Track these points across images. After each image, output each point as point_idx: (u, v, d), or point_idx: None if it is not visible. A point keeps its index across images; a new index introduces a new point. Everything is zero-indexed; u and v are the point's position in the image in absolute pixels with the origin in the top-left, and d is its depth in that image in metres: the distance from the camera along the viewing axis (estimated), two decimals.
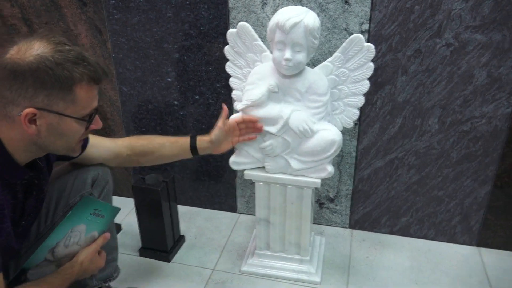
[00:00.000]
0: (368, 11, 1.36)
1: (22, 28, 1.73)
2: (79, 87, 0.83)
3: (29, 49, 0.79)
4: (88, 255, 0.99)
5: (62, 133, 0.86)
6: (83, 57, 0.83)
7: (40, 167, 0.97)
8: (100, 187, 1.19)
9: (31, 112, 0.80)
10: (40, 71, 0.78)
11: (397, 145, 1.52)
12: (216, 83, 1.60)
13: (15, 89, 0.79)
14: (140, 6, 1.54)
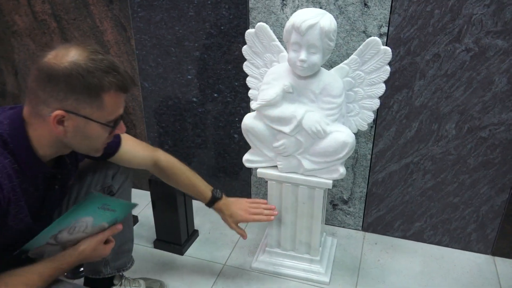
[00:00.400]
0: (387, 14, 1.36)
1: (52, 24, 1.80)
2: (107, 95, 0.87)
3: (66, 55, 0.84)
4: (92, 244, 1.00)
5: (87, 135, 0.91)
6: (114, 66, 0.87)
7: (66, 164, 1.02)
8: (120, 180, 1.24)
9: (60, 114, 0.85)
10: (72, 77, 0.83)
11: (413, 149, 1.51)
12: (234, 82, 1.63)
13: (48, 90, 0.84)
14: (163, 5, 1.59)
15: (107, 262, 1.29)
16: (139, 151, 1.23)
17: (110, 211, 1.00)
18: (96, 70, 0.84)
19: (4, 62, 1.99)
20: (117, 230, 1.06)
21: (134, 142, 1.23)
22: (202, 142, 1.79)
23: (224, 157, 1.79)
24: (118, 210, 1.03)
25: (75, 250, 0.98)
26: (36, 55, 1.90)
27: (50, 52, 0.85)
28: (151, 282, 1.43)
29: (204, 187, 1.33)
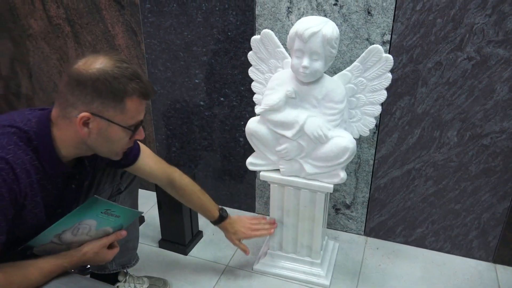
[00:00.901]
0: (390, 22, 1.38)
1: (66, 28, 1.86)
2: (130, 100, 0.93)
3: (94, 62, 0.91)
4: (95, 247, 1.03)
5: (109, 138, 0.96)
6: (138, 75, 0.94)
7: (85, 165, 1.07)
8: (128, 180, 1.29)
9: (86, 116, 0.91)
10: (99, 82, 0.89)
11: (415, 156, 1.53)
12: (240, 86, 1.67)
13: (76, 94, 0.90)
14: (173, 11, 1.63)
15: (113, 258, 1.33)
16: (156, 168, 1.29)
17: (114, 217, 1.03)
18: (121, 76, 0.91)
19: (19, 65, 2.05)
20: (121, 236, 1.09)
21: (153, 158, 1.28)
22: (208, 145, 1.83)
23: (230, 160, 1.82)
24: (123, 216, 1.06)
25: (78, 252, 1.02)
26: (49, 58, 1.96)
27: (81, 59, 0.93)
28: (155, 280, 1.46)
29: (212, 206, 1.40)
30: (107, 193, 1.25)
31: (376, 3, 1.37)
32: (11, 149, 0.88)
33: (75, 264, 1.03)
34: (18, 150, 0.89)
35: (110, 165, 1.21)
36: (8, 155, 0.86)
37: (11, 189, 0.87)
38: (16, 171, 0.87)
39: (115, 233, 1.08)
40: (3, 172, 0.85)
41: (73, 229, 1.00)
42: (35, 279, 0.94)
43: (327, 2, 1.42)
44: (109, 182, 1.25)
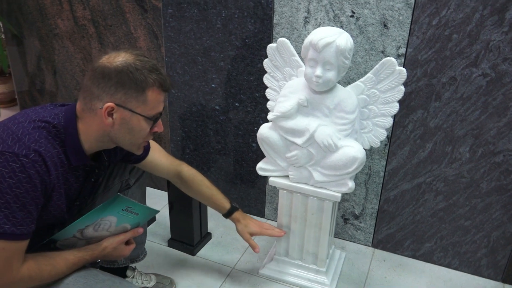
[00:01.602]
0: (406, 36, 1.39)
1: (90, 29, 1.92)
2: (150, 91, 0.98)
3: (117, 56, 0.97)
4: (114, 243, 1.08)
5: (131, 128, 1.00)
6: (157, 68, 1.00)
7: (103, 160, 1.12)
8: (137, 175, 1.34)
9: (111, 106, 0.96)
10: (123, 73, 0.94)
11: (425, 170, 1.53)
12: (255, 93, 1.70)
13: (101, 86, 0.95)
14: (193, 16, 1.68)
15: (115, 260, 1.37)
16: (165, 162, 1.33)
17: (133, 214, 1.08)
18: (143, 68, 0.96)
19: (45, 62, 2.13)
20: (138, 233, 1.13)
21: (161, 153, 1.33)
22: (221, 149, 1.86)
23: (242, 164, 1.85)
24: (141, 214, 1.10)
25: (99, 246, 1.07)
26: (73, 57, 2.03)
27: (104, 55, 0.99)
28: (161, 278, 1.50)
29: (223, 198, 1.42)
30: (116, 188, 1.29)
31: (393, 16, 1.38)
32: (43, 142, 0.93)
33: (96, 258, 1.08)
34: (48, 144, 0.94)
35: (123, 160, 1.25)
36: (41, 148, 0.91)
37: (43, 180, 0.92)
38: (47, 164, 0.92)
39: (132, 230, 1.13)
40: (37, 164, 0.90)
41: (95, 225, 1.05)
42: (61, 269, 1.00)
43: (344, 14, 1.44)
44: (118, 177, 1.30)
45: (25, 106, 2.32)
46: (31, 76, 2.22)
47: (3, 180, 0.87)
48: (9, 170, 0.87)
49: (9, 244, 0.90)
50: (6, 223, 0.88)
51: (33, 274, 0.95)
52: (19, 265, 0.93)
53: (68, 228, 1.03)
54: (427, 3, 1.33)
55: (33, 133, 0.92)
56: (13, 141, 0.90)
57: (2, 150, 0.88)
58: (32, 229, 0.94)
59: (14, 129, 0.92)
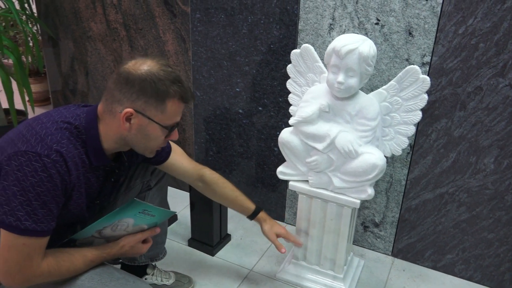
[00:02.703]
0: (431, 44, 1.38)
1: (122, 32, 1.99)
2: (171, 102, 1.00)
3: (143, 64, 0.99)
4: (131, 241, 1.11)
5: (147, 134, 1.03)
6: (180, 79, 1.02)
7: (123, 161, 1.15)
8: (158, 177, 1.37)
9: (130, 112, 0.98)
10: (146, 82, 0.97)
11: (448, 180, 1.51)
12: (279, 97, 1.72)
13: (124, 91, 0.98)
14: (220, 21, 1.71)
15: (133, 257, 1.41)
16: (187, 165, 1.36)
17: (150, 216, 1.11)
18: (166, 79, 0.99)
19: (78, 63, 2.22)
20: (155, 233, 1.17)
21: (183, 157, 1.36)
22: (244, 152, 1.89)
23: (263, 168, 1.87)
24: (157, 216, 1.13)
25: (116, 245, 1.11)
26: (104, 59, 2.10)
27: (130, 61, 1.01)
28: (180, 277, 1.53)
29: (247, 200, 1.44)
30: (137, 189, 1.33)
31: (418, 24, 1.37)
32: (64, 143, 0.96)
33: (113, 256, 1.11)
34: (69, 144, 0.97)
35: (144, 161, 1.29)
36: (62, 149, 0.95)
37: (63, 180, 0.95)
38: (68, 164, 0.95)
39: (150, 229, 1.16)
40: (58, 164, 0.93)
41: (112, 226, 1.08)
42: (78, 266, 1.03)
43: (369, 21, 1.44)
44: (140, 178, 1.33)
45: (58, 105, 2.42)
46: (64, 77, 2.31)
47: (26, 179, 0.90)
48: (32, 169, 0.91)
49: (30, 240, 0.93)
50: (27, 219, 0.91)
51: (52, 270, 0.98)
52: (39, 261, 0.96)
53: (87, 229, 1.07)
54: (453, 11, 1.32)
55: (55, 134, 0.96)
56: (36, 141, 0.93)
57: (25, 150, 0.92)
58: (53, 226, 0.97)
59: (38, 129, 0.96)
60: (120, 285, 1.04)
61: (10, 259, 0.94)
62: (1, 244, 0.94)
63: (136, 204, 1.03)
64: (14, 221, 0.91)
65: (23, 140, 0.94)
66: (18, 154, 0.91)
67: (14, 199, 0.91)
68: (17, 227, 0.91)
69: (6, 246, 0.93)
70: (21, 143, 0.93)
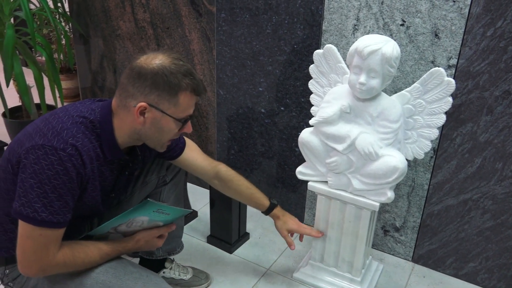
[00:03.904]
0: (458, 46, 1.35)
1: (149, 31, 2.04)
2: (183, 95, 1.02)
3: (154, 58, 1.01)
4: (146, 236, 1.14)
5: (160, 127, 1.04)
6: (192, 72, 1.03)
7: (137, 154, 1.17)
8: (174, 172, 1.39)
9: (143, 106, 1.00)
10: (158, 76, 0.98)
11: (473, 186, 1.47)
12: (301, 98, 1.71)
13: (137, 86, 1.00)
14: (245, 21, 1.73)
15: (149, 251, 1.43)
16: (201, 161, 1.36)
17: (164, 214, 1.12)
18: (178, 72, 1.00)
19: (107, 61, 2.28)
20: (170, 229, 1.19)
21: (198, 153, 1.37)
22: (265, 152, 1.89)
23: (284, 168, 1.87)
24: (172, 214, 1.15)
25: (132, 239, 1.14)
26: (132, 57, 2.15)
27: (142, 56, 1.03)
28: (198, 272, 1.55)
29: (262, 196, 1.44)
30: (153, 183, 1.35)
31: (445, 26, 1.35)
32: (80, 137, 0.98)
33: (129, 250, 1.14)
34: (84, 138, 0.99)
35: (157, 156, 1.30)
36: (78, 143, 0.97)
37: (79, 173, 0.97)
38: (83, 157, 0.97)
39: (165, 226, 1.18)
40: (73, 157, 0.95)
41: (127, 223, 1.10)
42: (94, 258, 1.05)
43: (394, 22, 1.42)
44: (156, 173, 1.35)
45: None
46: (94, 74, 2.38)
47: (43, 172, 0.93)
48: (48, 163, 0.93)
49: (47, 231, 0.96)
50: (44, 211, 0.94)
51: (68, 261, 1.00)
52: (55, 251, 0.98)
53: (102, 227, 1.09)
54: (482, 13, 1.29)
55: (71, 128, 0.98)
56: (53, 135, 0.95)
57: (42, 144, 0.94)
58: (68, 218, 0.99)
59: (54, 124, 0.98)
60: (134, 279, 1.06)
61: (27, 249, 0.97)
62: (20, 234, 0.97)
63: (150, 204, 1.05)
64: (32, 213, 0.93)
65: (40, 134, 0.96)
66: (35, 148, 0.94)
67: (31, 191, 0.93)
68: (34, 218, 0.94)
69: (24, 236, 0.96)
70: (38, 137, 0.96)
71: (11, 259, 1.08)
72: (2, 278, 1.13)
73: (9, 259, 1.09)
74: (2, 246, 1.09)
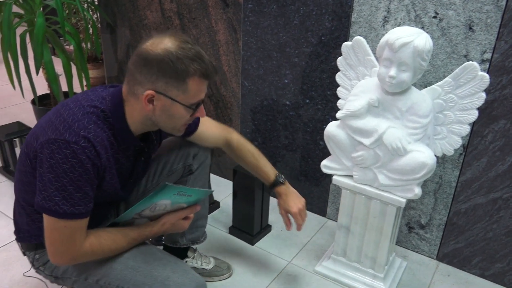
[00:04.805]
0: (493, 40, 1.31)
1: (175, 21, 2.04)
2: (191, 80, 0.97)
3: (160, 43, 0.96)
4: (171, 218, 1.12)
5: (171, 115, 1.02)
6: (200, 55, 0.98)
7: (152, 139, 1.16)
8: (200, 161, 1.38)
9: (151, 93, 0.97)
10: (164, 62, 0.94)
11: (503, 185, 1.43)
12: (327, 91, 1.69)
13: (144, 73, 0.96)
14: (272, 12, 1.71)
15: (183, 234, 1.44)
16: (215, 132, 1.34)
17: (186, 196, 1.11)
18: (184, 57, 0.95)
19: (133, 50, 2.29)
20: (195, 210, 1.17)
21: (211, 124, 1.34)
22: (289, 144, 1.88)
23: (307, 161, 1.85)
24: (194, 195, 1.13)
25: (158, 223, 1.13)
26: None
27: (148, 40, 0.98)
28: (220, 263, 1.55)
29: (269, 170, 1.38)
30: (179, 173, 1.35)
31: (480, 18, 1.30)
32: (92, 128, 0.96)
33: (155, 234, 1.13)
34: (97, 129, 0.97)
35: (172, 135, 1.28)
36: (90, 134, 0.95)
37: (94, 164, 0.97)
38: (96, 148, 0.96)
39: (190, 207, 1.16)
40: (87, 149, 0.94)
41: (151, 207, 1.10)
42: (121, 245, 1.06)
43: (427, 14, 1.38)
44: (182, 162, 1.35)
45: None
46: (120, 63, 2.40)
47: (58, 166, 0.93)
48: (63, 156, 0.92)
49: (70, 222, 0.97)
50: (65, 204, 0.94)
51: (95, 249, 1.01)
52: (82, 241, 0.99)
53: (127, 213, 1.09)
54: None
55: (82, 120, 0.96)
56: (65, 128, 0.94)
57: (55, 138, 0.93)
58: (90, 207, 1.00)
59: (66, 116, 0.97)
60: (163, 265, 1.07)
61: (54, 241, 0.98)
62: (45, 227, 0.98)
63: (169, 188, 1.03)
64: (53, 206, 0.94)
65: (52, 128, 0.96)
66: (49, 142, 0.93)
67: (50, 185, 0.94)
68: (56, 211, 0.95)
69: (49, 228, 0.98)
70: (51, 131, 0.95)
71: (40, 245, 1.10)
72: (33, 263, 1.16)
73: (39, 245, 1.11)
74: (31, 234, 1.11)
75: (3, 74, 3.20)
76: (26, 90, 2.36)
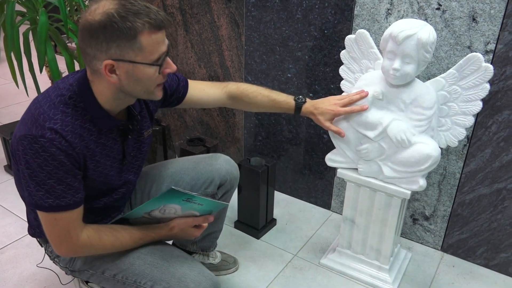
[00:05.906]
0: (497, 31, 1.31)
1: (178, 17, 2.04)
2: (143, 36, 0.89)
3: (98, 8, 0.88)
4: (181, 224, 1.08)
5: (138, 78, 0.94)
6: (145, 8, 0.89)
7: (134, 114, 1.08)
8: (225, 190, 1.34)
9: (109, 63, 0.90)
10: (107, 27, 0.86)
11: (508, 175, 1.43)
12: (330, 84, 1.69)
13: (93, 45, 0.89)
14: (274, 6, 1.71)
15: (195, 241, 1.44)
16: (213, 91, 1.28)
17: (197, 204, 1.06)
18: (127, 14, 0.87)
19: None
20: (208, 221, 1.11)
21: (203, 83, 1.29)
22: (292, 138, 1.89)
23: (311, 155, 1.86)
24: (206, 205, 1.07)
25: (166, 225, 1.10)
26: None
27: (87, 10, 0.90)
28: (226, 257, 1.57)
29: (285, 97, 1.31)
30: None
31: (483, 9, 1.30)
32: (58, 118, 0.92)
33: (162, 237, 1.11)
34: (66, 118, 0.93)
35: (166, 105, 1.23)
36: (56, 125, 0.91)
37: (68, 154, 0.92)
38: (66, 138, 0.91)
39: (203, 216, 1.11)
40: (55, 141, 0.90)
41: (160, 209, 1.07)
42: (125, 242, 1.05)
43: (430, 6, 1.38)
44: (204, 188, 1.29)
45: None
46: None
47: (32, 161, 0.90)
48: (34, 152, 0.90)
49: (60, 215, 0.95)
50: (49, 197, 0.92)
51: (94, 242, 1.00)
52: (78, 232, 0.98)
53: (135, 210, 1.07)
54: None
55: (47, 111, 0.92)
56: (32, 122, 0.92)
57: (24, 134, 0.91)
58: (79, 198, 0.97)
59: (33, 110, 0.94)
60: (180, 262, 1.06)
61: (50, 234, 0.98)
62: (41, 221, 0.98)
63: (175, 192, 0.99)
64: (38, 201, 0.93)
65: (23, 124, 0.94)
66: (20, 139, 0.92)
67: (30, 181, 0.92)
68: (42, 205, 0.93)
69: (43, 222, 0.98)
70: (22, 127, 0.93)
71: None
72: (49, 255, 1.17)
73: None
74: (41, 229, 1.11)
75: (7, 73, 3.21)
76: (30, 88, 2.37)
